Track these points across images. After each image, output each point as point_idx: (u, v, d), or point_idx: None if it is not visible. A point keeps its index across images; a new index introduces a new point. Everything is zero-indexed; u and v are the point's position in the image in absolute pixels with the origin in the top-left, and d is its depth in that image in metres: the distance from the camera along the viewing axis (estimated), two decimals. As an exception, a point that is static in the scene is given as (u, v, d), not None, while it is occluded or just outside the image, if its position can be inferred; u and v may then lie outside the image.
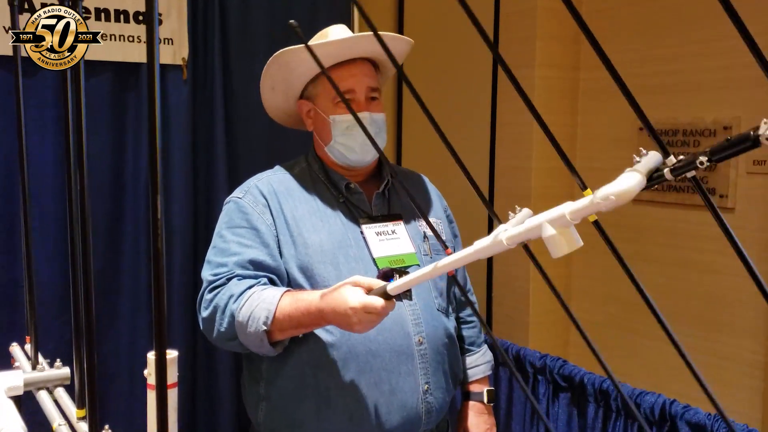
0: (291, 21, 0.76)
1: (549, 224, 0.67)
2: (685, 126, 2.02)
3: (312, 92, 1.52)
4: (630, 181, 0.58)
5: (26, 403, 0.98)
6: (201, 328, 1.40)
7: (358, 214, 1.48)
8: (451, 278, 1.58)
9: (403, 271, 1.42)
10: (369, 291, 1.18)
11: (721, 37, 1.94)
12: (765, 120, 0.49)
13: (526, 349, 2.04)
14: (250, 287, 1.33)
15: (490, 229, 2.73)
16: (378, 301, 1.15)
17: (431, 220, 1.57)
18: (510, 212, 0.77)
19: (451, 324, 1.54)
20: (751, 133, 0.50)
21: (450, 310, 1.57)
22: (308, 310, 1.26)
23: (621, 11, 2.21)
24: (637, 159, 0.60)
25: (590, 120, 2.31)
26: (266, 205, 1.43)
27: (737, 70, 1.91)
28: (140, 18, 2.08)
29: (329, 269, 1.39)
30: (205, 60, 2.20)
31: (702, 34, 1.98)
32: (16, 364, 1.07)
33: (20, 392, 0.95)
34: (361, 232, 1.45)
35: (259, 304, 1.28)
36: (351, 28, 2.44)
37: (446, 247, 0.85)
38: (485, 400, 1.61)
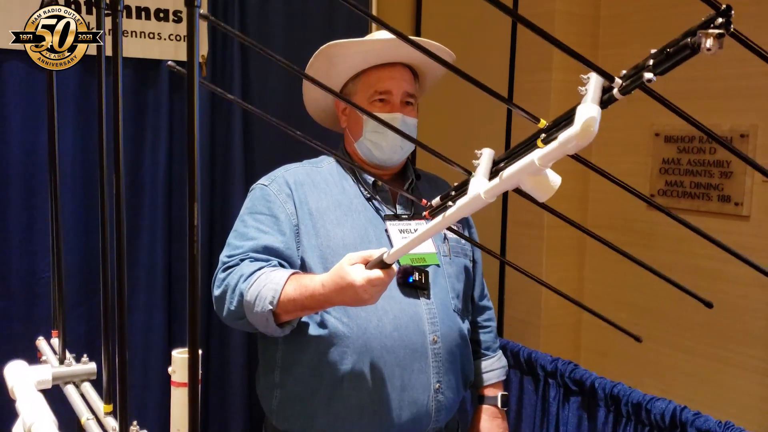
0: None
1: (526, 174, 0.68)
2: (701, 133, 2.02)
3: (351, 89, 1.56)
4: (588, 114, 0.58)
5: (47, 396, 1.00)
6: (214, 308, 1.43)
7: (383, 211, 1.51)
8: (469, 282, 1.60)
9: (422, 270, 1.44)
10: (366, 263, 1.19)
11: (740, 45, 1.94)
12: (701, 32, 0.47)
13: (537, 352, 2.05)
14: (260, 269, 1.36)
15: (504, 231, 2.73)
16: (380, 273, 1.16)
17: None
18: (473, 160, 0.77)
19: (465, 326, 1.55)
20: (689, 40, 0.49)
21: (465, 312, 1.59)
22: (312, 295, 1.27)
23: (638, 16, 2.22)
24: (582, 89, 0.60)
25: (606, 124, 2.31)
26: (290, 195, 1.47)
27: (755, 79, 1.91)
28: (161, 15, 2.10)
29: None
30: (223, 58, 2.21)
31: (720, 42, 1.98)
32: (43, 357, 1.09)
33: (49, 386, 0.97)
34: (386, 230, 1.47)
35: (267, 284, 1.31)
36: (368, 31, 2.45)
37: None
38: (499, 404, 1.63)
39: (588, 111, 0.58)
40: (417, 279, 1.43)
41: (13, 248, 1.94)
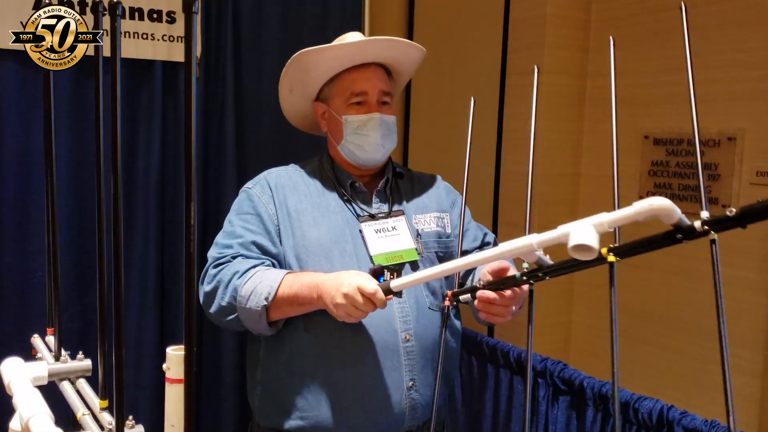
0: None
1: (576, 233, 0.71)
2: (690, 136, 2.05)
3: (327, 94, 1.58)
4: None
5: (42, 393, 1.00)
6: (201, 302, 1.45)
7: (360, 212, 1.53)
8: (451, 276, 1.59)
9: (394, 269, 1.45)
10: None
11: (729, 50, 1.97)
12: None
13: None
14: (254, 266, 1.40)
15: (495, 226, 2.72)
16: (372, 286, 1.22)
17: (433, 214, 1.60)
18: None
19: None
20: None
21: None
22: (308, 283, 1.33)
23: (628, 21, 2.24)
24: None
25: (596, 127, 2.34)
26: (271, 197, 1.51)
27: (744, 83, 1.94)
28: (154, 16, 2.11)
29: (323, 262, 1.45)
30: (217, 58, 2.23)
31: (709, 46, 2.01)
32: (39, 355, 1.09)
33: (44, 382, 0.98)
34: (360, 230, 1.50)
35: (263, 281, 1.36)
36: (362, 31, 2.47)
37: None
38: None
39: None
40: (388, 279, 1.44)
41: (7, 247, 1.95)
